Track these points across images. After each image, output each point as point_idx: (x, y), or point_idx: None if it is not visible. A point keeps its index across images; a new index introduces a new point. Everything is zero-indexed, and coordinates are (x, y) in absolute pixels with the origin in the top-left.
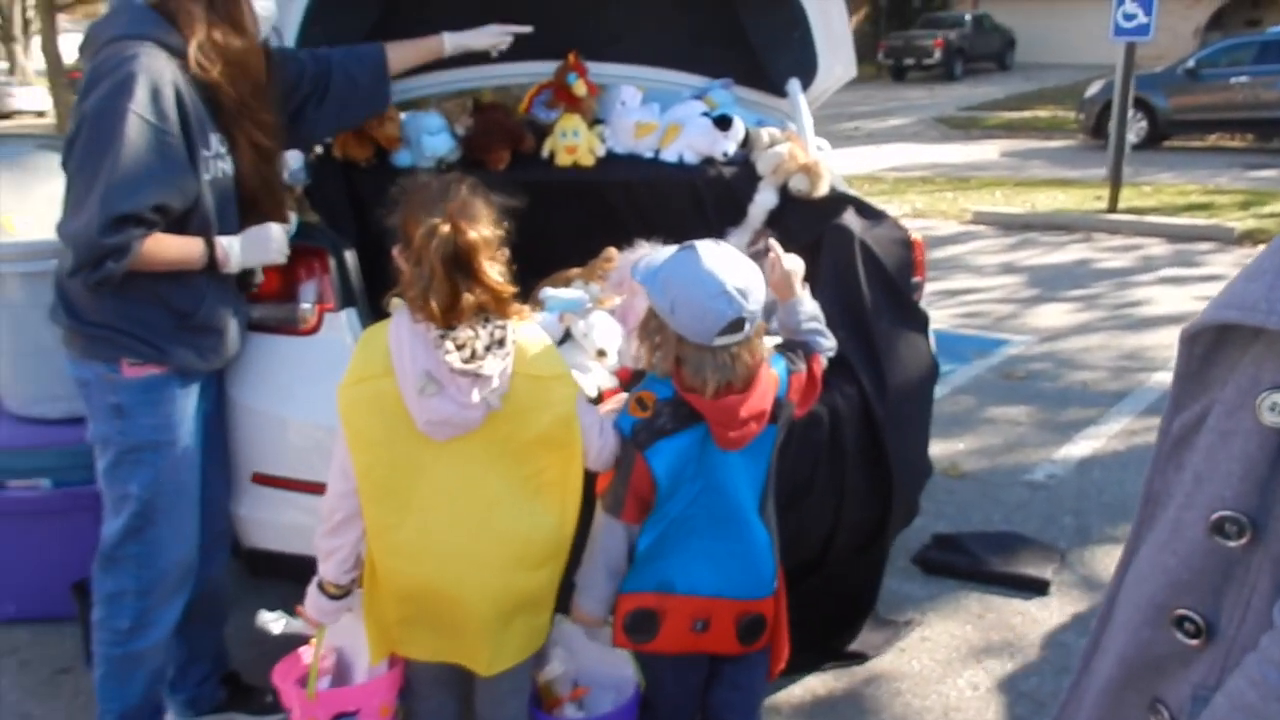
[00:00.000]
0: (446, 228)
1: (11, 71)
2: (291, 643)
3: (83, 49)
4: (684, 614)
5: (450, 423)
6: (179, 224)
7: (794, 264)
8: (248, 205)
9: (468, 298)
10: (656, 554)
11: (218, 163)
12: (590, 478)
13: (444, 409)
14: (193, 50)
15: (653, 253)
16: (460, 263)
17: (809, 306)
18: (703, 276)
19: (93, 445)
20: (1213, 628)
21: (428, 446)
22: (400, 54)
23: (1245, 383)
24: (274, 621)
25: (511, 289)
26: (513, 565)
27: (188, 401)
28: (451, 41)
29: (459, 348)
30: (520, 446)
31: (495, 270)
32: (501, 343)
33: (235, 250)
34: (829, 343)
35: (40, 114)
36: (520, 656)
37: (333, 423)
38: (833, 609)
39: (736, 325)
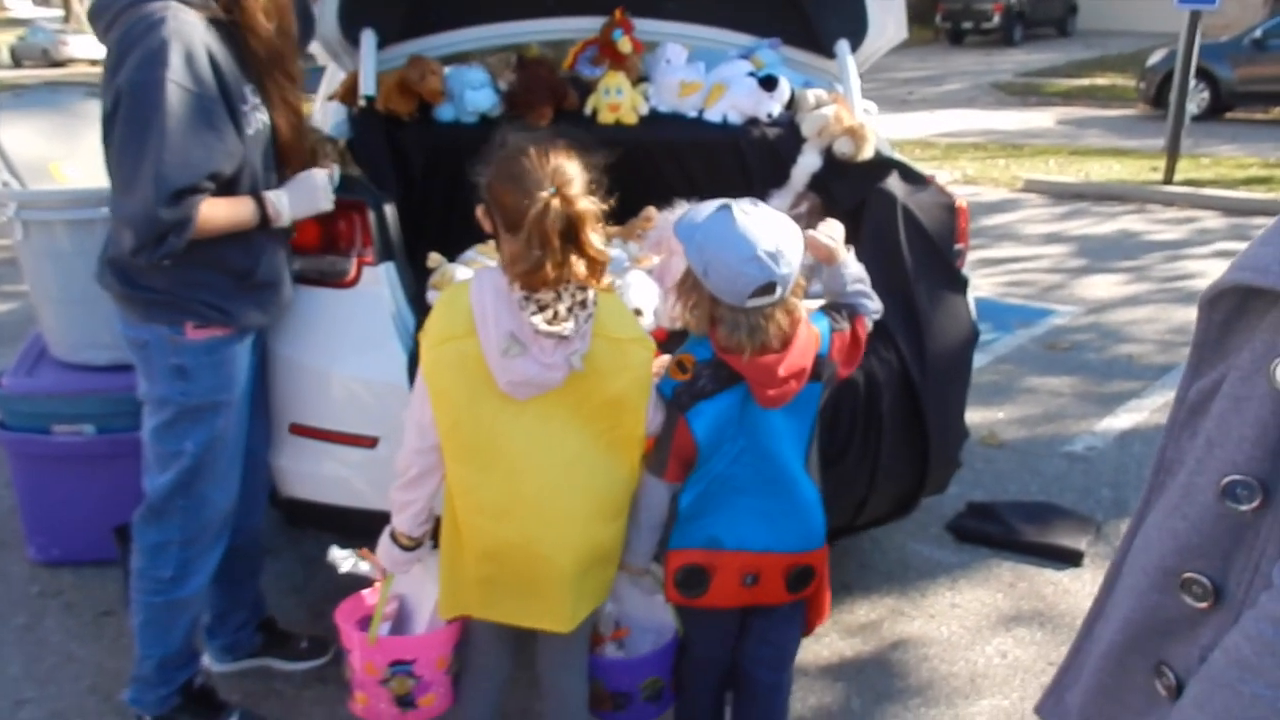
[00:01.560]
0: (558, 202)
1: (66, 19)
2: (356, 583)
3: (95, 15)
4: (733, 569)
5: (532, 383)
6: (228, 185)
7: (835, 229)
8: (286, 155)
9: (574, 265)
10: (701, 511)
11: (256, 114)
12: None
13: (527, 370)
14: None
15: (692, 210)
16: (570, 234)
17: (854, 269)
18: (736, 240)
19: (143, 402)
20: (1221, 591)
21: (509, 405)
22: None
23: (1261, 348)
24: (344, 560)
25: (609, 257)
26: (593, 519)
27: (244, 358)
28: None
29: (541, 309)
30: (597, 405)
31: (598, 240)
32: (584, 304)
33: (284, 203)
34: (874, 305)
35: (94, 62)
36: (592, 609)
37: (369, 375)
38: None
39: (768, 289)
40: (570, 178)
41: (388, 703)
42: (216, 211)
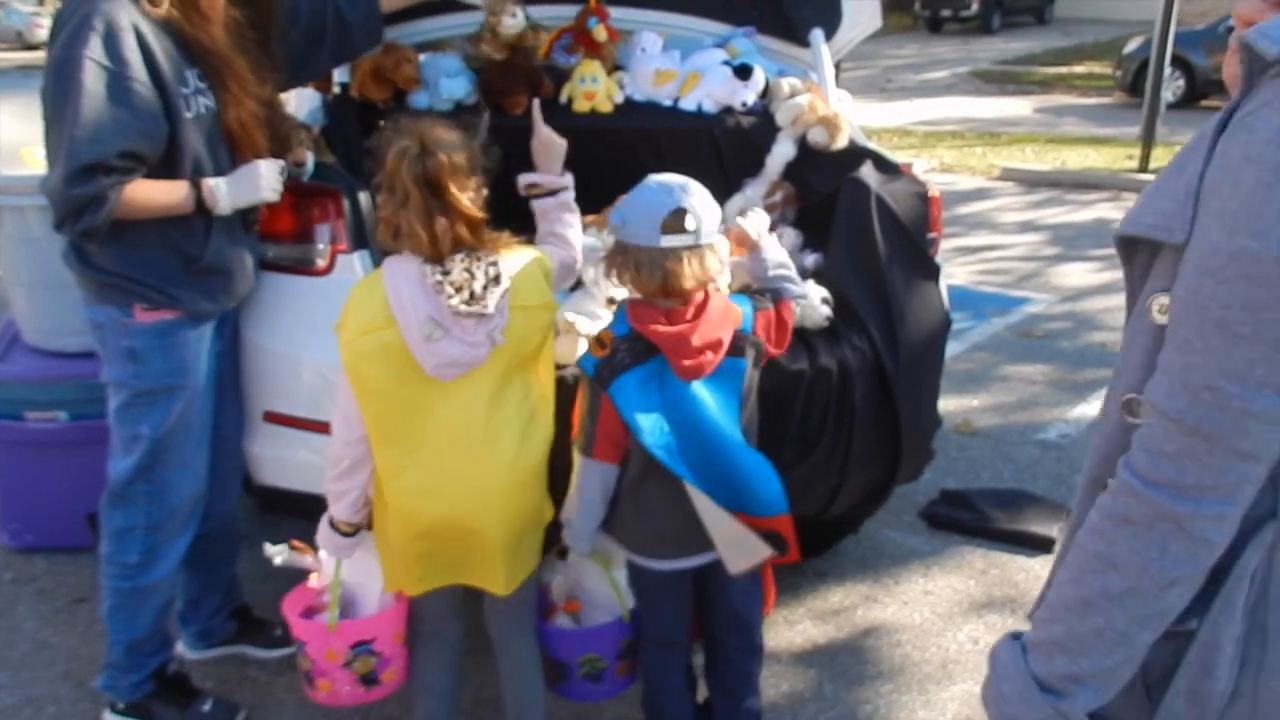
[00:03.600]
0: (416, 148)
1: (41, 2)
2: (299, 575)
3: None
4: None
5: (459, 363)
6: (169, 167)
7: (757, 219)
8: (235, 144)
9: (441, 222)
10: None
11: (199, 99)
12: (566, 421)
13: (451, 351)
14: None
15: None
16: (432, 186)
17: (775, 255)
18: (650, 185)
19: (106, 385)
20: None
21: (433, 387)
22: None
23: (1147, 289)
24: (278, 554)
25: (482, 215)
26: (519, 489)
27: (200, 344)
28: None
29: (458, 290)
30: (515, 374)
31: (466, 196)
32: (497, 279)
33: (223, 190)
34: (798, 289)
35: None
36: (529, 570)
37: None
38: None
39: (679, 216)
40: (435, 135)
41: (351, 684)
42: (147, 193)
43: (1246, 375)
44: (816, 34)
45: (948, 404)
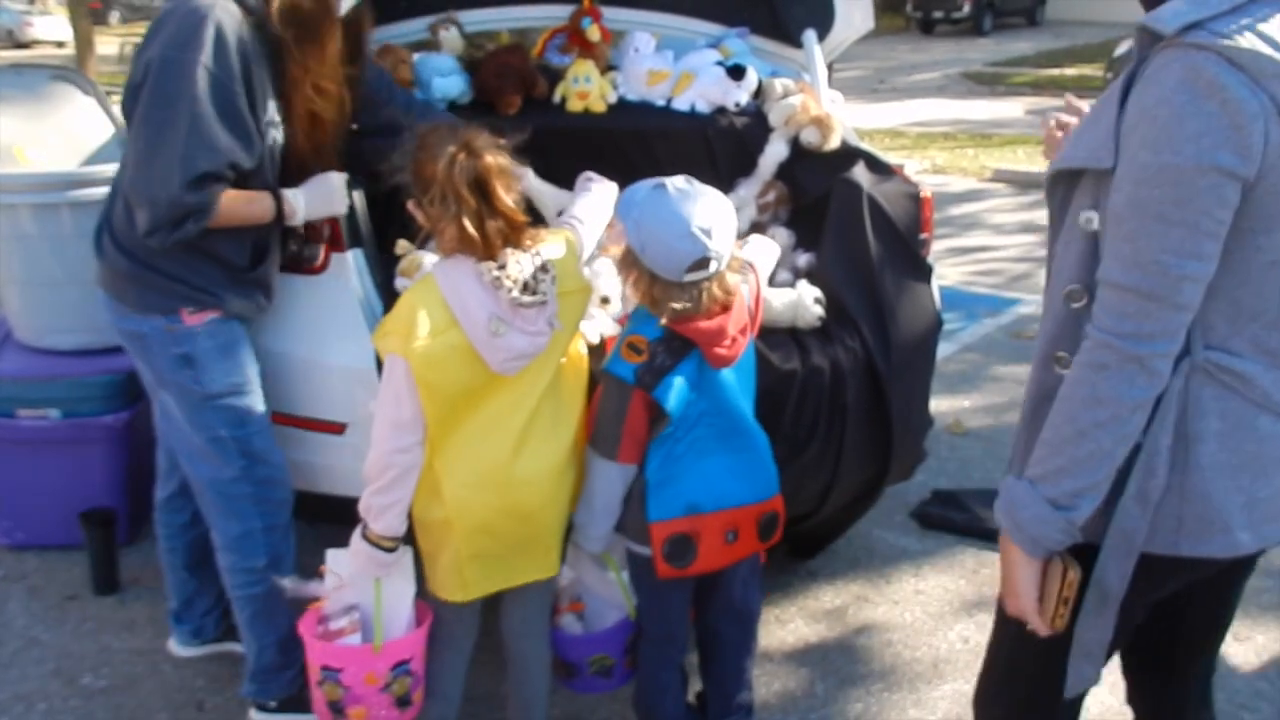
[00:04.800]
0: (464, 154)
1: (32, 0)
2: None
3: None
4: (716, 529)
5: (524, 354)
6: (244, 179)
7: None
8: (294, 171)
9: (493, 224)
10: (671, 479)
11: (271, 130)
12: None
13: (517, 344)
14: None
15: (631, 188)
16: (482, 188)
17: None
18: (670, 217)
19: (155, 393)
20: (1065, 360)
21: (495, 381)
22: None
23: (1077, 205)
24: (287, 584)
25: (525, 217)
26: (563, 468)
27: (247, 342)
28: None
29: (515, 283)
30: (558, 357)
31: (510, 198)
32: (545, 268)
33: (300, 202)
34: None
35: (60, 44)
36: (562, 550)
37: (337, 361)
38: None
39: (702, 264)
40: (479, 139)
41: (388, 708)
42: (236, 204)
43: (1178, 249)
44: (809, 35)
45: (939, 404)
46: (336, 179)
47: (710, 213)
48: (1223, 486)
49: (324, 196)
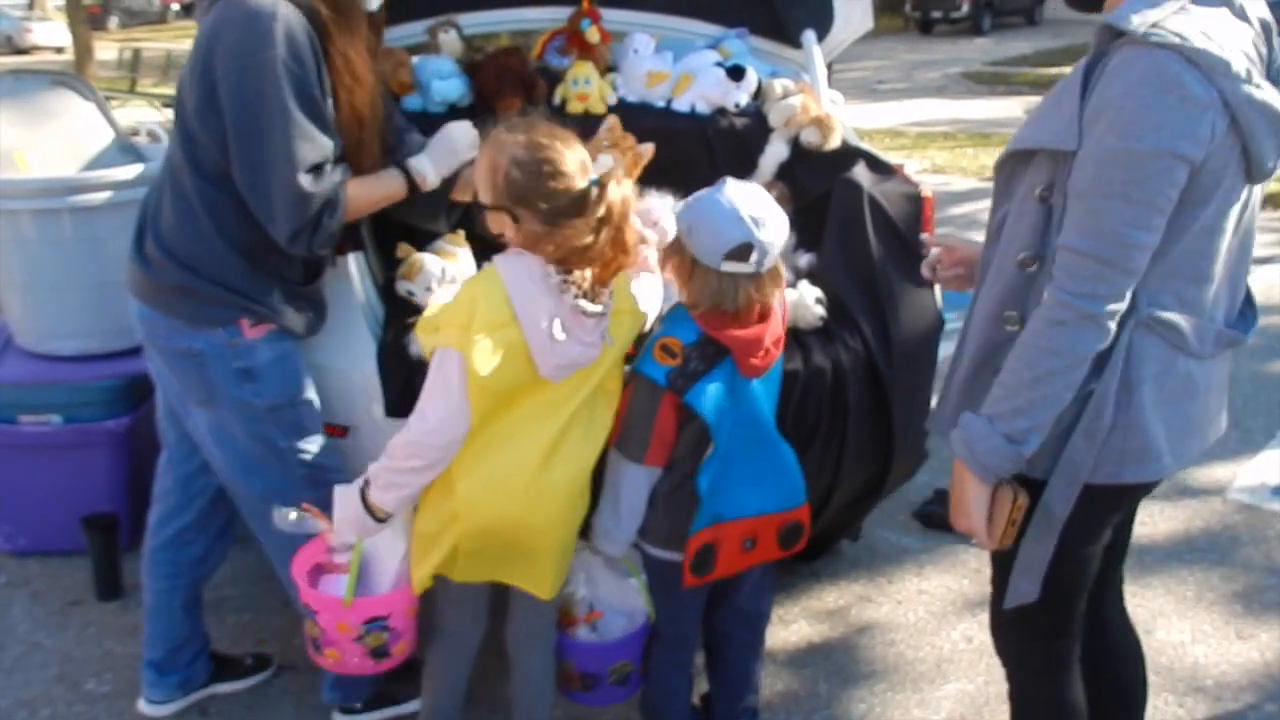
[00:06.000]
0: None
1: (31, 6)
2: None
3: None
4: (734, 538)
5: (575, 364)
6: None
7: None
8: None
9: (603, 236)
10: (717, 492)
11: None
12: None
13: (571, 352)
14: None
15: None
16: (618, 215)
17: None
18: (723, 201)
19: (196, 410)
20: (1024, 318)
21: (535, 385)
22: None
23: (1030, 181)
24: (289, 515)
25: (646, 237)
26: (579, 492)
27: (301, 357)
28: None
29: (580, 290)
30: (597, 377)
31: (632, 232)
32: (604, 281)
33: (427, 165)
34: None
35: (59, 50)
36: (564, 577)
37: (339, 365)
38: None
39: (744, 250)
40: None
41: (361, 657)
42: (366, 188)
43: (1135, 223)
44: (808, 35)
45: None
46: (455, 128)
47: (765, 208)
48: (1154, 419)
49: (447, 149)
